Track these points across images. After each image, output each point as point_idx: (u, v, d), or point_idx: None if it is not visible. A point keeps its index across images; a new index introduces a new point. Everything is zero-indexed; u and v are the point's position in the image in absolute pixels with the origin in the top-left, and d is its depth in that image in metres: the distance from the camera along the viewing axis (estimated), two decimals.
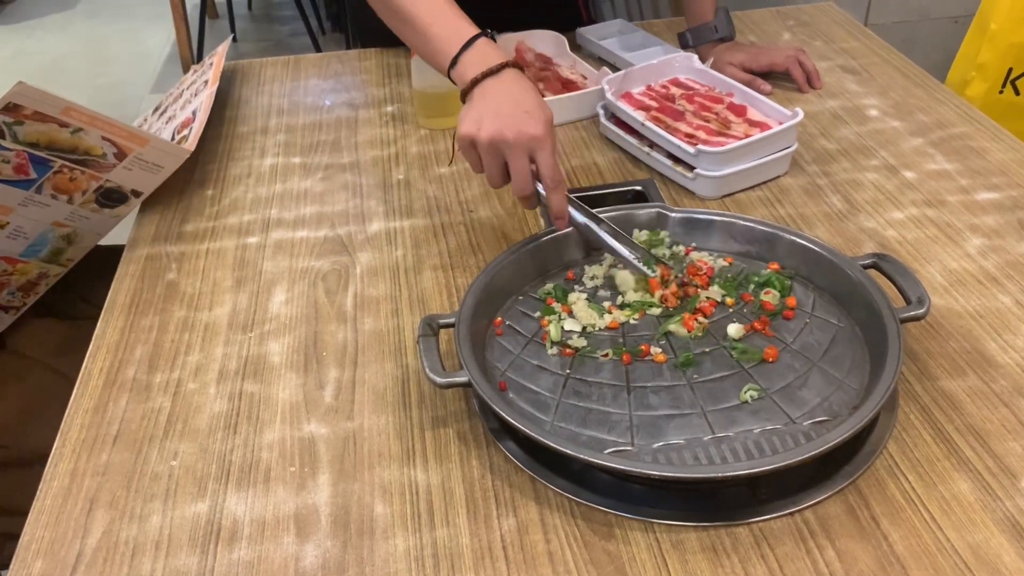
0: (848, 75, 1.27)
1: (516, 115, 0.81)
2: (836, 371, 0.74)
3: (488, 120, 0.81)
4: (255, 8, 4.19)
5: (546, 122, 0.82)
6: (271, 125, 1.22)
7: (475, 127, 0.82)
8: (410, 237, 0.98)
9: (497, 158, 0.82)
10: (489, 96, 0.84)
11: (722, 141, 1.03)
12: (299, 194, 1.07)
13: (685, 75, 1.19)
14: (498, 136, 0.80)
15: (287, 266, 0.95)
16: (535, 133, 0.80)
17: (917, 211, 0.98)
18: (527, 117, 0.81)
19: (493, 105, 0.82)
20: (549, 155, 0.81)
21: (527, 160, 0.82)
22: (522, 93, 0.84)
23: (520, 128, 0.80)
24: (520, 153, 0.81)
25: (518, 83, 0.85)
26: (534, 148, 0.81)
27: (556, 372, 0.76)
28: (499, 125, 0.80)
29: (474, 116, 0.82)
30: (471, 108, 0.84)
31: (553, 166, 0.82)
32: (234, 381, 0.80)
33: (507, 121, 0.81)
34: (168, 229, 1.02)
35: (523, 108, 0.82)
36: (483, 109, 0.83)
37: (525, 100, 0.83)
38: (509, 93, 0.83)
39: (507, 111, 0.81)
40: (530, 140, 0.81)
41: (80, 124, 0.93)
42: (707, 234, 0.89)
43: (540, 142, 0.81)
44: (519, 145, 0.80)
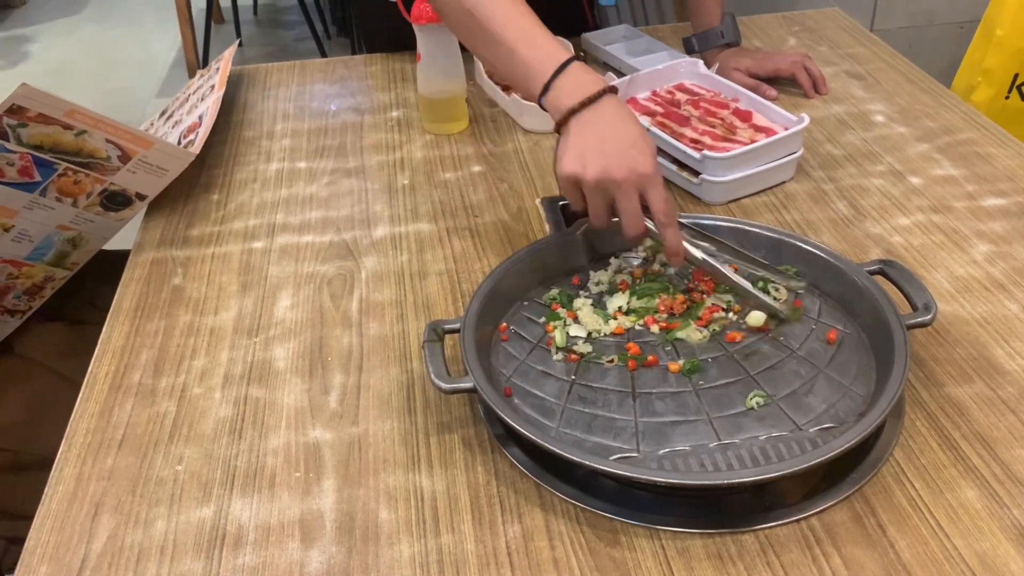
0: (854, 80, 1.27)
1: (623, 151, 0.76)
2: (842, 378, 0.73)
3: (593, 157, 0.77)
4: (260, 13, 4.20)
5: (653, 156, 0.78)
6: (277, 130, 1.23)
7: (579, 165, 0.77)
8: (415, 242, 0.98)
9: (604, 197, 0.78)
10: (589, 129, 0.78)
11: (728, 146, 1.03)
12: (304, 199, 1.07)
13: (690, 80, 1.19)
14: (605, 176, 0.76)
15: (292, 271, 0.95)
16: (644, 171, 0.76)
17: (923, 217, 0.98)
18: (634, 153, 0.76)
19: (595, 140, 0.77)
20: (661, 191, 0.77)
21: (638, 198, 0.77)
22: (624, 125, 0.79)
23: (629, 166, 0.76)
24: (630, 192, 0.77)
25: (618, 112, 0.80)
26: (644, 186, 0.77)
27: (561, 378, 0.76)
28: (605, 163, 0.76)
29: (576, 153, 0.77)
30: (570, 142, 0.78)
31: (666, 202, 0.77)
32: (239, 386, 0.80)
33: (614, 159, 0.76)
34: (174, 233, 1.02)
35: (628, 143, 0.77)
36: (585, 144, 0.78)
37: (629, 133, 0.78)
38: (610, 126, 0.78)
39: (612, 147, 0.77)
40: (639, 178, 0.76)
41: (84, 126, 0.93)
42: (714, 240, 0.88)
43: (650, 179, 0.77)
44: (628, 184, 0.76)
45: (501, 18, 0.84)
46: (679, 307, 0.82)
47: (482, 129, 1.20)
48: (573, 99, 0.79)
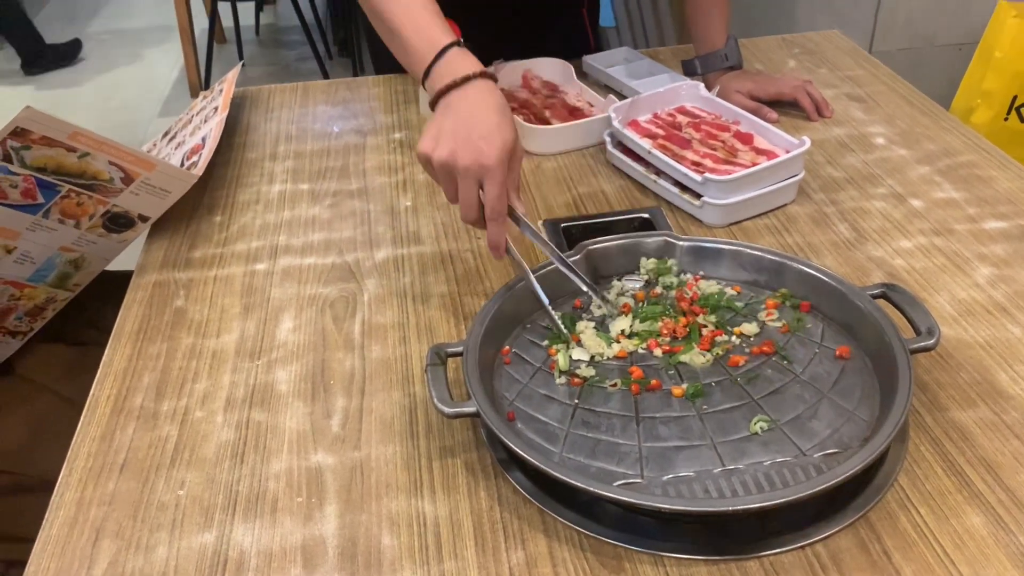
0: (854, 103, 1.28)
1: (471, 140, 0.79)
2: (846, 402, 0.73)
3: (445, 140, 0.80)
4: (262, 33, 4.23)
5: (500, 148, 0.80)
6: (279, 151, 1.23)
7: (431, 146, 0.81)
8: (417, 264, 0.99)
9: (449, 179, 0.82)
10: (451, 112, 0.82)
11: (729, 169, 1.03)
12: (307, 221, 1.07)
13: (691, 103, 1.20)
14: (450, 160, 0.80)
15: (295, 293, 0.95)
16: (485, 163, 0.79)
17: (925, 240, 0.98)
18: (481, 144, 0.79)
19: (452, 124, 0.81)
20: (496, 186, 0.80)
21: (475, 187, 0.81)
22: (484, 113, 0.82)
23: (473, 155, 0.79)
24: (469, 181, 0.80)
25: (482, 99, 0.83)
26: (483, 177, 0.80)
27: (564, 402, 0.75)
28: (452, 148, 0.80)
29: (432, 133, 0.81)
30: (433, 123, 0.83)
31: (496, 197, 0.80)
32: (241, 410, 0.80)
33: (461, 145, 0.79)
34: (176, 255, 1.02)
35: (480, 132, 0.80)
36: (442, 127, 0.81)
37: (484, 122, 0.81)
38: (470, 112, 0.82)
39: (463, 133, 0.80)
40: (480, 169, 0.79)
41: (87, 149, 0.93)
42: (715, 263, 0.89)
43: (489, 171, 0.79)
44: (468, 172, 0.80)
45: (398, 11, 0.90)
46: (681, 330, 0.82)
47: None
48: (443, 81, 0.84)
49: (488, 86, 0.84)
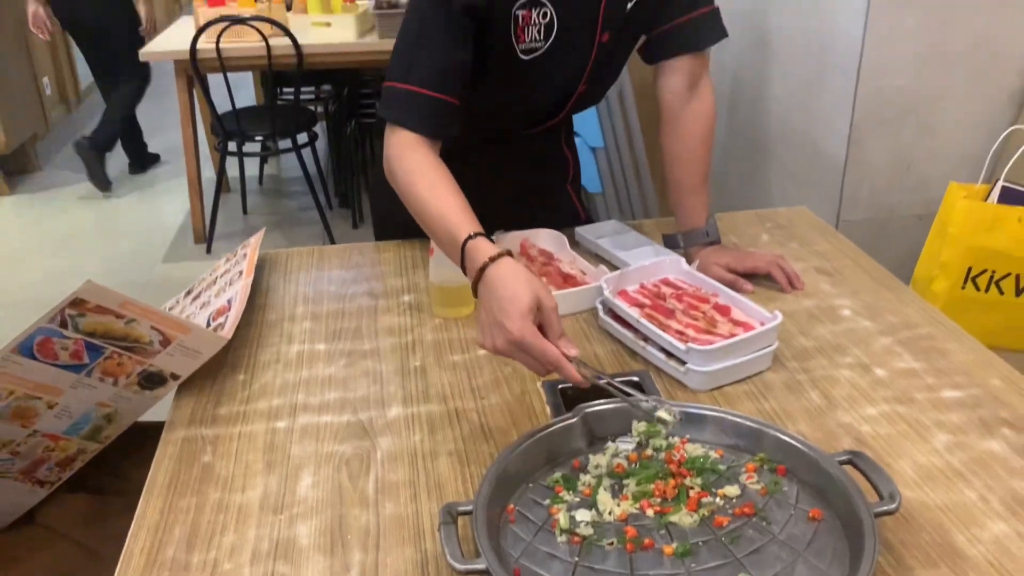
0: (822, 276, 1.41)
1: (495, 324, 0.95)
2: (819, 562, 0.81)
3: (487, 333, 0.97)
4: (265, 183, 4.44)
5: (519, 317, 0.93)
6: (298, 313, 1.34)
7: (486, 342, 0.97)
8: (427, 422, 1.07)
9: (516, 359, 0.96)
10: (482, 303, 0.99)
11: (710, 339, 1.14)
12: (324, 380, 1.16)
13: (675, 275, 1.32)
14: (496, 350, 0.96)
15: (313, 450, 1.03)
16: (512, 338, 0.93)
17: (888, 408, 1.08)
18: (506, 322, 0.93)
19: (484, 315, 0.98)
20: (535, 346, 0.93)
21: (525, 356, 0.95)
22: (498, 294, 0.96)
23: (504, 337, 0.94)
24: (519, 355, 0.95)
25: (496, 281, 0.98)
26: (518, 349, 0.94)
27: (565, 559, 0.83)
28: (492, 339, 0.96)
29: (481, 328, 0.98)
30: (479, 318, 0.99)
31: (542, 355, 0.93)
32: (266, 562, 0.87)
33: (494, 332, 0.95)
34: (203, 412, 1.10)
35: (496, 316, 0.95)
36: (482, 320, 0.98)
37: (498, 303, 0.96)
38: (489, 297, 0.98)
39: (491, 320, 0.96)
40: (512, 345, 0.94)
41: (134, 316, 1.03)
42: (700, 427, 0.98)
43: (520, 343, 0.93)
44: (510, 351, 0.95)
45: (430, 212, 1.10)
46: (671, 491, 0.90)
47: None
48: (471, 274, 1.02)
49: (500, 266, 0.99)
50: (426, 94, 1.17)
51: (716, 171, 2.13)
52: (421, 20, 1.18)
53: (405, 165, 1.14)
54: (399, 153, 1.16)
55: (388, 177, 1.18)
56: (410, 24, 1.20)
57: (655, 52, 1.38)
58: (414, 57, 1.18)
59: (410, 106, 1.17)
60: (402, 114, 1.17)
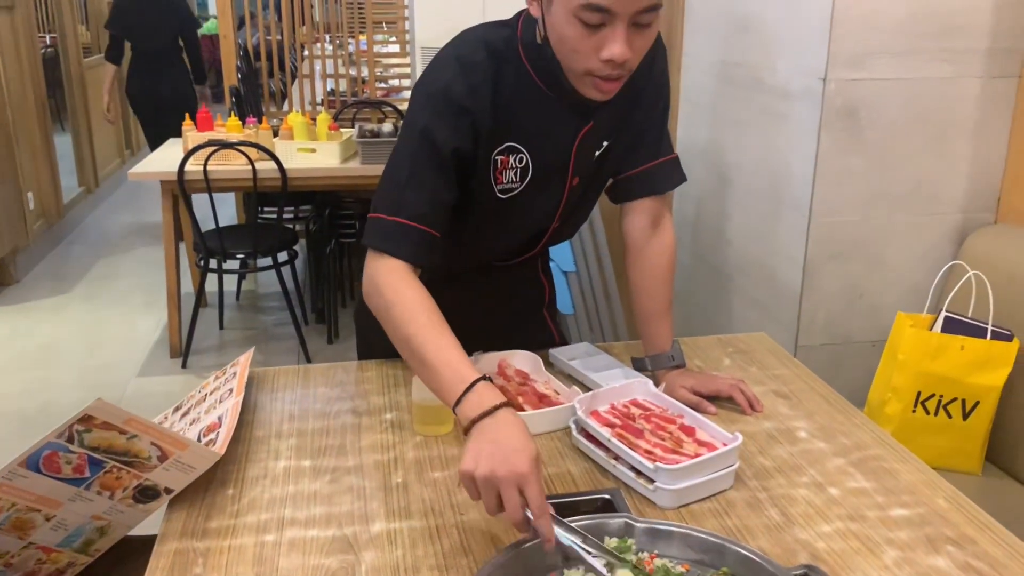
0: (780, 399, 1.50)
1: (507, 455, 0.99)
2: None
3: (484, 459, 1.00)
4: (242, 299, 4.51)
5: (531, 459, 1.00)
6: (284, 429, 1.40)
7: (473, 464, 1.00)
8: (408, 538, 1.13)
9: (492, 491, 1.00)
10: (485, 435, 1.03)
11: (676, 459, 1.22)
12: (309, 495, 1.22)
13: (643, 397, 1.41)
14: (491, 474, 0.99)
15: (300, 563, 1.08)
16: (521, 471, 0.99)
17: (842, 525, 1.16)
18: (515, 457, 1.00)
19: (488, 445, 1.01)
20: (535, 488, 0.99)
21: (517, 493, 0.99)
22: (511, 432, 1.03)
23: (510, 468, 0.99)
24: (510, 488, 0.98)
25: (509, 423, 1.04)
26: (522, 483, 0.99)
27: None
28: (493, 465, 0.99)
29: (473, 455, 1.01)
30: (470, 446, 1.02)
31: (538, 496, 0.99)
32: None
33: (499, 461, 0.99)
34: (194, 525, 1.15)
35: (512, 448, 1.01)
36: (480, 449, 1.01)
37: (513, 440, 1.02)
38: (500, 433, 1.02)
39: (498, 452, 1.00)
40: (518, 477, 0.98)
41: (136, 432, 1.09)
42: (668, 543, 1.05)
43: (526, 478, 0.99)
44: (509, 482, 0.98)
45: (430, 347, 1.15)
46: None
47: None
48: (475, 411, 1.06)
49: (512, 413, 1.07)
50: (415, 227, 1.27)
51: (681, 295, 2.25)
52: (412, 159, 1.30)
53: (399, 300, 1.21)
54: (387, 283, 1.24)
55: (368, 298, 1.26)
56: (400, 161, 1.31)
57: (620, 194, 1.52)
58: (405, 193, 1.29)
59: (400, 237, 1.27)
60: (391, 244, 1.27)
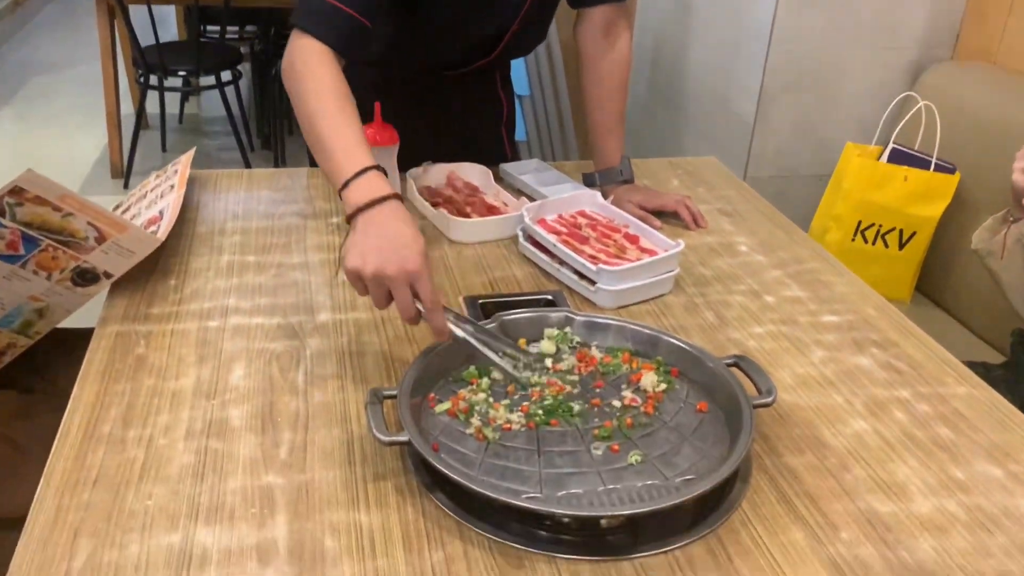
0: (725, 217, 1.52)
1: (396, 251, 0.94)
2: (703, 444, 0.92)
3: (371, 256, 0.94)
4: (185, 122, 4.36)
5: (421, 254, 0.95)
6: (228, 227, 1.38)
7: (360, 262, 0.94)
8: (354, 327, 1.14)
9: (381, 288, 0.96)
10: (371, 229, 0.96)
11: (619, 262, 1.24)
12: (254, 287, 1.22)
13: (590, 208, 1.42)
14: (380, 272, 0.94)
15: (244, 346, 1.09)
16: (412, 268, 0.94)
17: (774, 327, 1.20)
18: (405, 252, 0.94)
19: (374, 240, 0.95)
20: (426, 283, 0.95)
21: (408, 290, 0.95)
22: (399, 227, 0.97)
23: (400, 264, 0.93)
24: (401, 285, 0.94)
25: (397, 215, 0.98)
26: (413, 280, 0.94)
27: (479, 438, 0.92)
28: (381, 261, 0.93)
29: (359, 251, 0.95)
30: (355, 240, 0.96)
31: (430, 292, 0.95)
32: (200, 439, 0.93)
33: (388, 256, 0.94)
34: (136, 311, 1.15)
35: (401, 243, 0.95)
36: (366, 243, 0.95)
37: (401, 234, 0.96)
38: (388, 227, 0.96)
39: (387, 246, 0.94)
40: (409, 275, 0.94)
41: (72, 210, 1.06)
42: (605, 334, 1.08)
43: (417, 275, 0.94)
44: (399, 279, 0.94)
45: (330, 126, 1.07)
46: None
47: None
48: (362, 198, 0.99)
49: (400, 207, 1.01)
50: (346, 11, 1.18)
51: (634, 126, 2.23)
52: None
53: (311, 76, 1.12)
54: (305, 61, 1.14)
55: (284, 76, 1.16)
56: None
57: None
58: None
59: (328, 19, 1.17)
60: (318, 27, 1.16)
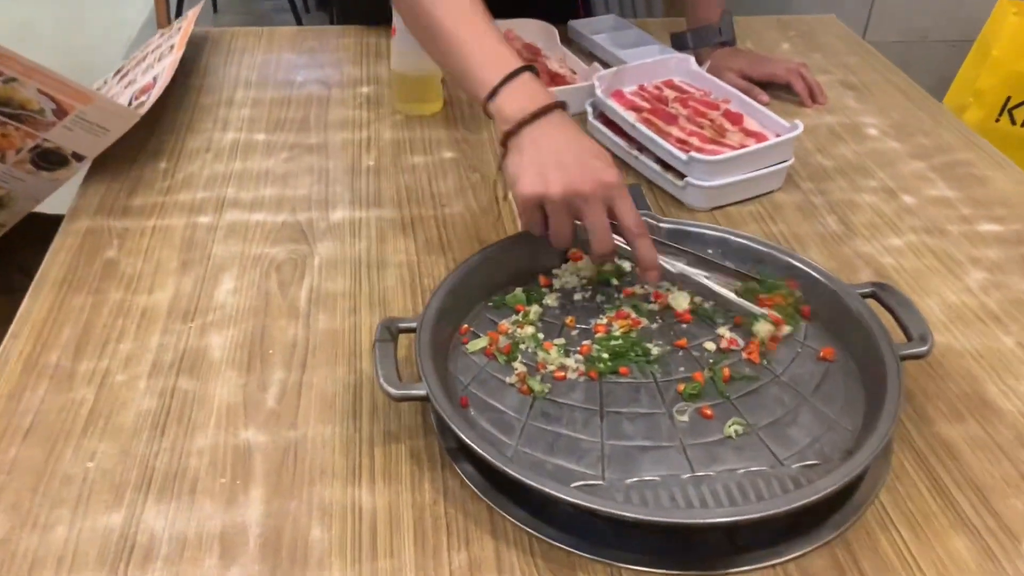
0: (848, 91, 1.22)
1: (585, 163, 0.72)
2: (828, 408, 0.67)
3: (555, 173, 0.71)
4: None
5: (614, 166, 0.73)
6: (237, 98, 1.14)
7: (542, 184, 0.71)
8: (375, 229, 0.91)
9: (571, 214, 0.72)
10: (544, 143, 0.73)
11: (716, 149, 0.97)
12: (260, 174, 0.99)
13: (680, 77, 1.13)
14: (571, 190, 0.71)
15: (239, 251, 0.87)
16: (610, 180, 0.71)
17: (916, 238, 0.92)
18: (597, 163, 0.72)
19: (553, 155, 0.72)
20: (629, 201, 0.72)
21: (604, 210, 0.72)
22: (579, 137, 0.74)
23: (595, 178, 0.71)
24: (598, 206, 0.71)
25: (570, 125, 0.76)
26: (612, 198, 0.71)
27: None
28: (569, 178, 0.71)
29: (536, 170, 0.72)
30: (526, 159, 0.73)
31: (633, 211, 0.72)
32: (167, 376, 0.73)
33: (577, 172, 0.71)
34: (114, 201, 0.93)
35: (589, 154, 0.72)
36: (543, 160, 0.72)
37: (585, 145, 0.74)
38: (566, 138, 0.73)
39: (573, 160, 0.72)
40: (606, 189, 0.71)
41: (14, 73, 0.84)
42: (695, 248, 0.82)
43: (617, 189, 0.71)
44: (596, 197, 0.71)
45: (456, 15, 0.82)
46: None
47: (457, 113, 1.13)
48: (525, 109, 0.75)
49: (567, 116, 0.76)
50: None
51: None
52: None
53: None
54: None
55: None
56: None
57: None
58: None
59: None
60: None
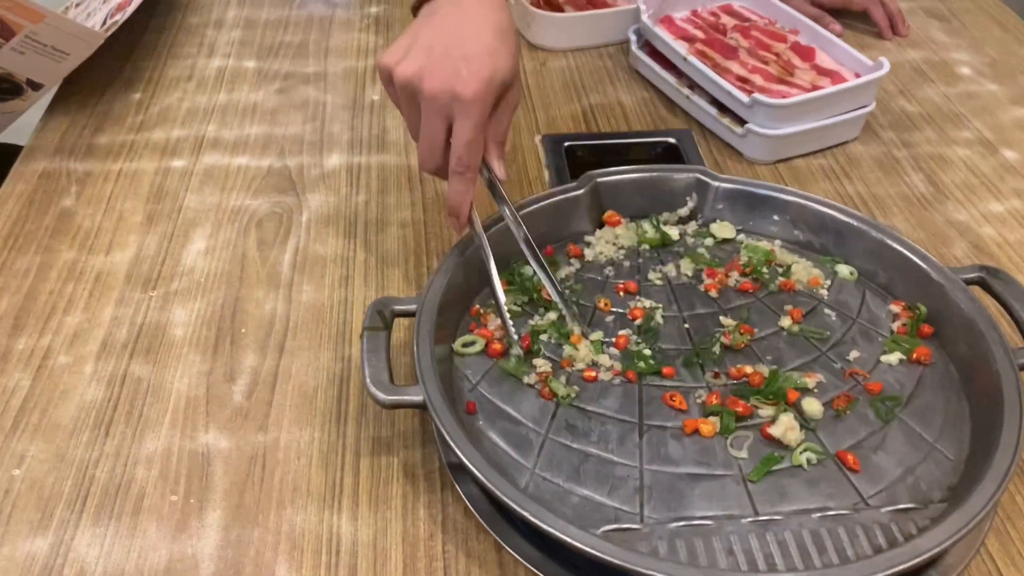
0: (934, 20, 1.05)
1: (449, 59, 0.58)
2: (924, 430, 0.54)
3: (416, 53, 0.59)
4: None
5: (486, 78, 0.58)
6: (228, 18, 1.00)
7: (398, 56, 0.60)
8: (377, 179, 0.78)
9: (413, 105, 0.60)
10: (434, 22, 0.61)
11: (784, 91, 0.82)
12: (246, 108, 0.86)
13: (740, 2, 0.97)
14: (415, 79, 0.58)
15: (215, 202, 0.74)
16: (460, 91, 0.57)
17: (1021, 204, 0.77)
18: (461, 65, 0.58)
19: (429, 34, 0.60)
20: (470, 126, 0.58)
21: (442, 124, 0.59)
22: (477, 29, 0.60)
23: (445, 78, 0.58)
24: (433, 112, 0.59)
25: (481, 13, 0.61)
26: (454, 111, 0.58)
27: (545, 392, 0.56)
28: (422, 64, 0.58)
29: (404, 42, 0.60)
30: (408, 31, 0.61)
31: (468, 143, 0.58)
32: (119, 358, 0.61)
33: (437, 63, 0.58)
34: (77, 139, 0.81)
35: (462, 52, 0.58)
36: (418, 36, 0.60)
37: (473, 41, 0.59)
38: (459, 25, 0.60)
39: (441, 49, 0.59)
40: (451, 97, 0.58)
41: None
42: (756, 214, 0.68)
43: (464, 104, 0.57)
44: (436, 101, 0.58)
45: None
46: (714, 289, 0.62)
47: None
48: None
49: (499, 4, 0.62)
50: None
51: None
52: None
53: None
54: None
55: None
56: None
57: None
58: None
59: None
60: None
